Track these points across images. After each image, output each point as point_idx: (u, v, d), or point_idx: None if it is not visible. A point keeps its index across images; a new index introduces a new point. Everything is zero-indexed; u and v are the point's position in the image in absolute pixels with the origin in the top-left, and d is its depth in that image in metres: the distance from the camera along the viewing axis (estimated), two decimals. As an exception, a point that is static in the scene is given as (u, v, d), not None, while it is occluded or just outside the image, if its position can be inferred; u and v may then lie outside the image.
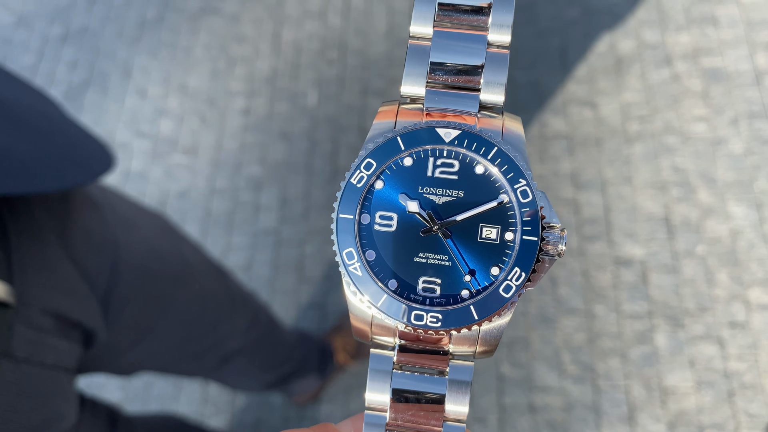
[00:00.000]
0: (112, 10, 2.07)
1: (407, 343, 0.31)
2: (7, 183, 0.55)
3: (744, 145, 1.55)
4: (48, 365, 0.62)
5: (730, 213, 1.50)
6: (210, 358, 0.99)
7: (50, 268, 0.64)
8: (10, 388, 0.57)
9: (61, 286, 0.65)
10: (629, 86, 1.67)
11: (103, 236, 0.72)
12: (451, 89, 0.32)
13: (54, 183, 0.61)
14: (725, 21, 1.67)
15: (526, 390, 1.45)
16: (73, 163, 0.65)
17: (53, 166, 0.61)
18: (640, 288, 1.49)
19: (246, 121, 1.83)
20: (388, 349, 0.32)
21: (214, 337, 0.96)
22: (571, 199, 1.58)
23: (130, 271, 0.75)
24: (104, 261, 0.72)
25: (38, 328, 0.61)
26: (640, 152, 1.60)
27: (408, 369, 0.31)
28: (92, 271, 0.69)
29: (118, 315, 0.75)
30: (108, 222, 0.75)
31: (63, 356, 0.65)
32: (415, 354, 0.31)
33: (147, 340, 0.83)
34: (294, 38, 1.92)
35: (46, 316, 0.62)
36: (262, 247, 1.67)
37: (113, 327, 0.75)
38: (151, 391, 1.55)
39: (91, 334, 0.71)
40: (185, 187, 1.77)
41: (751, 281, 1.44)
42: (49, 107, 0.70)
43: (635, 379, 1.42)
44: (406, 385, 0.31)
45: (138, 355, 0.84)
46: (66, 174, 0.63)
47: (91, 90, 1.96)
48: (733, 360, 1.39)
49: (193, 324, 0.90)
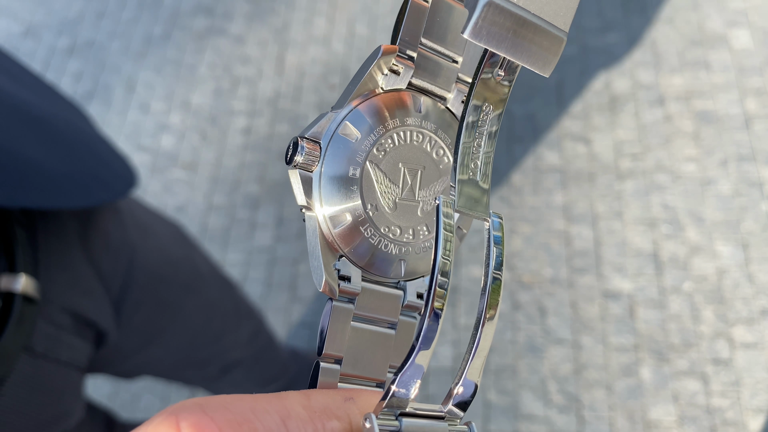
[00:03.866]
0: (119, 25, 2.11)
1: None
2: (37, 198, 0.58)
3: (732, 186, 1.59)
4: (63, 362, 0.64)
5: (717, 252, 1.54)
6: (212, 367, 1.00)
7: (71, 268, 0.66)
8: (26, 382, 0.58)
9: (80, 285, 0.67)
10: (623, 124, 1.71)
11: (121, 240, 0.75)
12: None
13: (80, 200, 0.65)
14: (717, 66, 1.73)
15: (511, 418, 1.46)
16: (100, 182, 0.67)
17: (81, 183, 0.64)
18: (627, 321, 1.51)
19: (246, 140, 1.86)
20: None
21: (218, 347, 0.98)
22: (562, 231, 1.62)
23: (144, 275, 0.77)
24: (120, 264, 0.74)
25: (57, 324, 0.63)
26: (631, 189, 1.64)
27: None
28: (108, 273, 0.72)
29: (130, 318, 0.77)
30: (126, 227, 0.77)
31: (77, 354, 0.66)
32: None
33: (154, 345, 0.84)
34: (297, 62, 1.96)
35: (64, 313, 0.64)
36: (256, 264, 1.69)
37: (123, 329, 0.76)
38: (139, 402, 1.55)
39: (103, 335, 0.72)
40: (183, 202, 1.79)
41: (735, 319, 1.47)
42: (82, 122, 0.73)
43: (619, 411, 1.44)
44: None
45: (143, 359, 0.86)
46: (93, 192, 0.66)
47: (95, 102, 1.98)
48: (716, 396, 1.42)
49: (200, 332, 0.92)
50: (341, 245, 0.30)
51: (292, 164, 0.29)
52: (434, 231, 0.31)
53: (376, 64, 0.30)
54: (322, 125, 0.30)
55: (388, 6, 2.00)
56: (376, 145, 0.30)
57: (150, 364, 0.92)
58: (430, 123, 0.31)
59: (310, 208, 0.30)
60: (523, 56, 0.25)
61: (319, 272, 0.29)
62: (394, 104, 0.31)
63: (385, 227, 0.30)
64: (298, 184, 0.30)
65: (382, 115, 0.30)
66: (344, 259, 0.30)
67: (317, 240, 0.29)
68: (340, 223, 0.29)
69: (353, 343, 0.30)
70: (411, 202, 0.31)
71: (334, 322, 0.30)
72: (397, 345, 0.32)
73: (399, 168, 0.31)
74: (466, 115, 0.26)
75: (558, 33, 0.25)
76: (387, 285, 0.32)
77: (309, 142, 0.29)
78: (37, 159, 0.59)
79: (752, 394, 1.40)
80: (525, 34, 0.24)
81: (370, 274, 0.31)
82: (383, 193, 0.30)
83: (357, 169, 0.29)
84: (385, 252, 0.30)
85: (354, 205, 0.30)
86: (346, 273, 0.30)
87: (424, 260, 0.32)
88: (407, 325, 0.32)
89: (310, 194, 0.30)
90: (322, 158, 0.29)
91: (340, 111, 0.30)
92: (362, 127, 0.30)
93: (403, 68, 0.31)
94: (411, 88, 0.32)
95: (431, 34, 0.31)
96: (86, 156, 0.68)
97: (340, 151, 0.30)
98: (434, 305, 0.23)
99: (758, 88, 1.67)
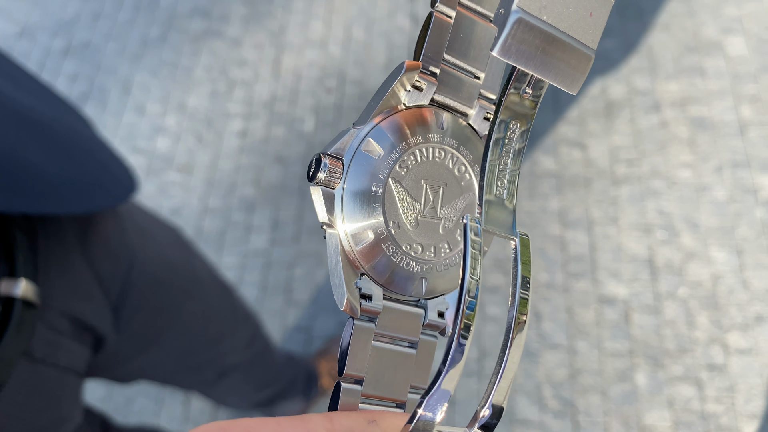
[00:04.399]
0: (115, 27, 2.10)
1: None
2: (38, 203, 0.58)
3: (727, 192, 1.60)
4: (61, 367, 0.64)
5: (711, 258, 1.54)
6: (208, 371, 1.00)
7: (71, 272, 0.65)
8: (25, 387, 0.58)
9: (79, 290, 0.66)
10: (618, 130, 1.72)
11: (120, 245, 0.74)
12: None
13: (80, 206, 0.64)
14: (712, 72, 1.74)
15: (506, 423, 1.46)
16: (100, 188, 0.67)
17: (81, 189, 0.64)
18: (622, 327, 1.51)
19: (242, 143, 1.86)
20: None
21: (216, 352, 0.97)
22: (558, 236, 1.62)
23: (143, 280, 0.77)
24: (120, 268, 0.73)
25: (56, 329, 0.63)
26: (626, 194, 1.64)
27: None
28: (108, 277, 0.71)
29: (128, 323, 0.76)
30: (126, 231, 0.77)
31: (75, 359, 0.66)
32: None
33: (152, 350, 0.84)
34: (294, 65, 1.96)
35: (63, 318, 0.64)
36: (251, 267, 1.68)
37: (121, 334, 0.76)
38: (133, 406, 1.54)
39: (102, 340, 0.72)
40: (178, 205, 1.79)
41: (730, 325, 1.48)
42: (82, 127, 0.72)
43: (614, 417, 1.44)
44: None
45: (140, 363, 0.85)
46: (92, 198, 0.66)
47: (90, 104, 1.98)
48: (711, 402, 1.42)
49: (197, 337, 0.92)
50: (363, 263, 0.30)
51: (314, 181, 0.29)
52: (456, 249, 0.31)
53: (399, 80, 0.30)
54: (344, 141, 0.30)
55: (384, 10, 2.00)
56: (399, 162, 0.30)
57: (147, 369, 0.91)
58: (452, 139, 0.31)
59: (332, 225, 0.30)
60: (551, 74, 0.25)
61: (341, 290, 0.29)
62: (416, 121, 0.31)
63: (407, 245, 0.30)
64: (320, 201, 0.29)
65: (405, 132, 0.30)
66: (365, 277, 0.30)
67: (339, 257, 0.29)
68: (362, 240, 0.29)
69: (374, 363, 0.30)
70: (433, 219, 0.31)
71: (355, 341, 0.29)
72: (417, 365, 0.31)
73: (421, 185, 0.31)
74: (492, 132, 0.26)
75: (586, 51, 0.25)
76: (408, 303, 0.31)
77: (332, 158, 0.29)
78: (38, 164, 0.59)
79: (747, 399, 1.41)
80: (554, 51, 0.24)
81: (390, 293, 0.31)
82: (405, 211, 0.30)
83: (380, 186, 0.29)
84: (406, 270, 0.30)
85: (376, 223, 0.29)
86: (367, 291, 0.30)
87: (445, 278, 0.31)
88: (428, 344, 0.32)
89: (332, 211, 0.29)
90: (345, 175, 0.29)
91: (362, 127, 0.30)
92: (385, 144, 0.30)
93: (426, 84, 0.31)
94: (433, 104, 0.32)
95: (454, 50, 0.31)
96: (87, 161, 0.67)
97: (363, 167, 0.29)
98: (461, 328, 0.23)
99: (753, 95, 1.68)
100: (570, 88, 0.26)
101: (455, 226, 0.31)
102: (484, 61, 0.32)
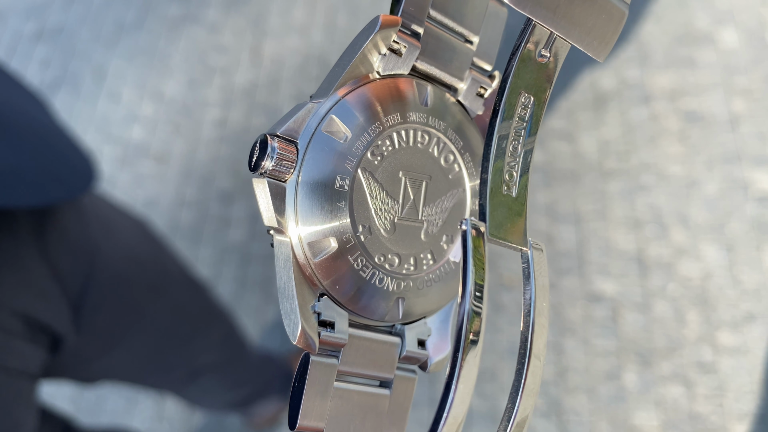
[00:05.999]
0: (90, 11, 2.03)
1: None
2: None
3: (718, 187, 1.57)
4: (12, 370, 0.58)
5: (701, 254, 1.51)
6: (179, 372, 0.95)
7: (24, 268, 0.60)
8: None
9: (33, 287, 0.61)
10: (607, 123, 1.68)
11: (81, 238, 0.69)
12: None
13: (32, 199, 0.58)
14: (704, 65, 1.70)
15: (491, 422, 1.42)
16: (55, 179, 0.61)
17: (34, 180, 0.58)
18: (609, 325, 1.48)
19: (221, 133, 1.80)
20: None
21: (186, 351, 0.93)
22: (545, 231, 1.58)
23: (106, 275, 0.72)
24: (80, 264, 0.68)
25: (6, 330, 0.57)
26: (615, 189, 1.60)
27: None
28: (66, 273, 0.66)
29: (90, 321, 0.71)
30: (89, 224, 0.71)
31: (28, 361, 0.61)
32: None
33: (117, 349, 0.79)
34: (275, 52, 1.90)
35: (15, 317, 0.58)
36: (229, 262, 1.63)
37: (84, 333, 0.71)
38: (104, 405, 1.49)
39: (59, 340, 0.67)
40: (153, 196, 1.72)
41: (719, 323, 1.45)
42: (39, 113, 0.66)
43: (601, 416, 1.41)
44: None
45: (106, 363, 0.80)
46: (47, 190, 0.60)
47: (63, 91, 1.90)
48: (700, 401, 1.39)
49: (167, 335, 0.87)
50: (322, 279, 0.23)
51: (258, 171, 0.22)
52: (441, 260, 0.24)
53: (371, 40, 0.23)
54: (299, 120, 0.23)
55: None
56: (371, 148, 0.23)
57: (114, 369, 0.86)
58: (438, 120, 0.24)
59: (282, 230, 0.22)
60: (576, 32, 0.19)
61: (293, 318, 0.21)
62: (392, 94, 0.23)
63: (381, 256, 0.23)
64: (265, 198, 0.22)
65: (377, 109, 0.23)
66: (326, 298, 0.23)
67: (290, 273, 0.22)
68: (322, 250, 0.22)
69: (337, 411, 0.23)
70: (413, 222, 0.24)
71: (312, 384, 0.22)
72: (392, 409, 0.24)
73: (399, 178, 0.23)
74: (499, 107, 0.20)
75: (619, 4, 0.19)
76: (380, 330, 0.24)
77: (282, 141, 0.22)
78: None
79: (736, 398, 1.38)
80: (580, 3, 0.18)
81: (358, 317, 0.24)
82: (379, 211, 0.23)
83: (346, 179, 0.22)
84: (379, 288, 0.23)
85: (341, 227, 0.22)
86: (328, 317, 0.22)
87: (427, 297, 0.24)
88: (405, 382, 0.25)
89: (283, 212, 0.22)
90: (300, 163, 0.22)
91: (323, 101, 0.23)
92: (352, 124, 0.23)
93: (406, 47, 0.24)
94: (414, 73, 0.25)
95: (442, 6, 0.24)
96: (41, 150, 0.61)
97: (324, 154, 0.22)
98: (463, 367, 0.17)
99: (744, 88, 1.65)
100: (597, 51, 0.20)
101: (441, 231, 0.24)
102: (478, 21, 0.25)
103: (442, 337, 0.25)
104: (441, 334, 0.25)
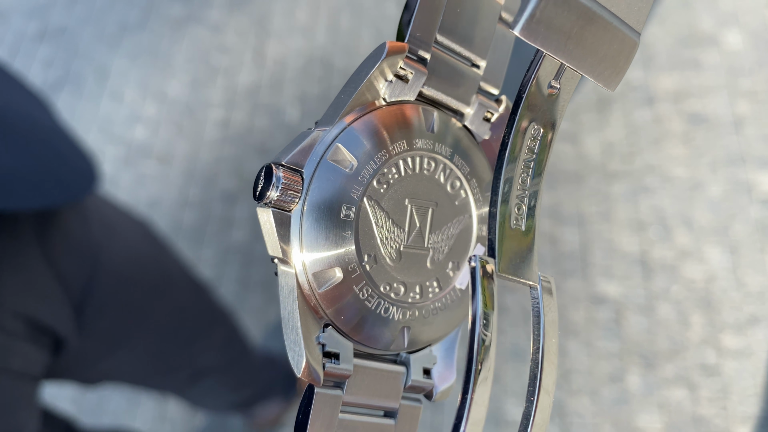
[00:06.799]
0: (93, 11, 2.03)
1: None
2: None
3: (721, 189, 1.56)
4: (14, 372, 0.58)
5: (705, 257, 1.51)
6: (182, 373, 0.95)
7: (26, 270, 0.60)
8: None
9: (36, 288, 0.61)
10: (611, 124, 1.68)
11: (84, 240, 0.69)
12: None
13: (33, 201, 0.58)
14: (708, 66, 1.70)
15: (494, 424, 1.42)
16: (57, 182, 0.61)
17: (35, 183, 0.58)
18: (613, 327, 1.48)
19: (224, 134, 1.79)
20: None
21: (188, 353, 0.92)
22: (548, 233, 1.57)
23: (109, 277, 0.72)
24: (83, 265, 0.68)
25: (9, 332, 0.57)
26: (619, 190, 1.60)
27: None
28: (69, 274, 0.66)
29: (93, 323, 0.71)
30: (91, 225, 0.71)
31: (31, 363, 0.61)
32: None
33: (120, 351, 0.79)
34: (278, 53, 1.90)
35: (17, 319, 0.58)
36: (231, 262, 1.63)
37: (86, 335, 0.70)
38: (107, 405, 1.48)
39: (62, 342, 0.67)
40: (156, 197, 1.72)
41: (723, 326, 1.44)
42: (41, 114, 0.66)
43: (604, 418, 1.40)
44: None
45: (108, 365, 0.80)
46: (48, 193, 0.59)
47: (66, 91, 1.90)
48: (704, 404, 1.39)
49: (169, 337, 0.87)
50: (327, 309, 0.22)
51: (263, 201, 0.22)
52: (446, 288, 0.24)
53: (378, 67, 0.22)
54: (305, 148, 0.23)
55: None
56: (377, 176, 0.23)
57: (115, 371, 0.86)
58: (445, 146, 0.24)
59: (287, 260, 0.23)
60: (586, 63, 0.19)
61: (298, 350, 0.21)
62: (399, 121, 0.23)
63: (386, 285, 0.23)
64: (271, 228, 0.22)
65: (384, 137, 0.23)
66: (331, 329, 0.23)
67: (295, 305, 0.22)
68: (327, 280, 0.22)
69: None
70: (419, 250, 0.24)
71: (317, 417, 0.22)
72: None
73: (405, 206, 0.23)
74: (509, 139, 0.19)
75: (631, 34, 0.19)
76: (385, 360, 0.24)
77: (287, 171, 0.22)
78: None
79: (740, 401, 1.38)
80: (592, 33, 0.18)
81: (363, 347, 0.24)
82: (384, 240, 0.23)
83: (351, 209, 0.22)
84: (384, 318, 0.23)
85: (346, 257, 0.22)
86: (332, 348, 0.22)
87: (432, 326, 0.24)
88: (411, 411, 0.25)
89: (288, 241, 0.22)
90: (305, 193, 0.22)
91: (328, 129, 0.23)
92: (358, 152, 0.22)
93: (413, 73, 0.23)
94: (421, 99, 0.24)
95: (449, 30, 0.24)
96: (42, 152, 0.61)
97: (330, 183, 0.22)
98: (474, 398, 0.17)
99: (749, 90, 1.65)
100: (609, 81, 0.19)
101: (447, 258, 0.24)
102: (486, 45, 0.25)
103: (447, 366, 0.25)
104: (446, 362, 0.25)
